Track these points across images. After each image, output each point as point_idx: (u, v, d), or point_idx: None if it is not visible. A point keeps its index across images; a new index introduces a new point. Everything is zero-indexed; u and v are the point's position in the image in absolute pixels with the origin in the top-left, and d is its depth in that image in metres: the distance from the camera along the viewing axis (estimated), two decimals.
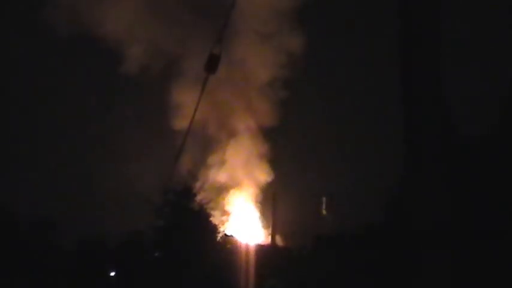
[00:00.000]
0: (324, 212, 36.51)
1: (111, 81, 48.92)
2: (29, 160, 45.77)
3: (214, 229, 33.51)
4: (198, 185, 32.74)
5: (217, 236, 33.65)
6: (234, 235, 36.82)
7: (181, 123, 40.89)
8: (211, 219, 33.34)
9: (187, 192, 32.20)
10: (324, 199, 36.76)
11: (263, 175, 44.48)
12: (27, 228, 33.10)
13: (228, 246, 34.32)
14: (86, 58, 48.24)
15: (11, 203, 33.66)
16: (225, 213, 41.03)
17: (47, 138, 47.65)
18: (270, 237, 39.80)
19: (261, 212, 44.14)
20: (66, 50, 47.67)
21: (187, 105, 41.54)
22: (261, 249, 36.26)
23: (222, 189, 43.89)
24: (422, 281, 5.33)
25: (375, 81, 46.73)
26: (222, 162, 45.03)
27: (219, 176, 44.46)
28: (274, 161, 44.69)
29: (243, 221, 42.70)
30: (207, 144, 44.74)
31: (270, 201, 40.99)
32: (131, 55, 43.54)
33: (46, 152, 46.19)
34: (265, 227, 42.72)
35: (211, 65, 9.46)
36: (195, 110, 9.66)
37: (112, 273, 33.65)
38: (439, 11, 5.62)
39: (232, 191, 44.34)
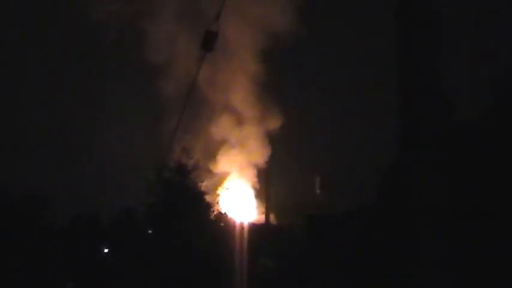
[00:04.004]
0: (318, 191, 36.60)
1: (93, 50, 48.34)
2: (21, 135, 45.46)
3: (208, 206, 33.51)
4: (192, 162, 32.63)
5: (211, 214, 33.68)
6: (228, 213, 36.88)
7: (169, 88, 40.90)
8: (205, 196, 33.34)
9: (181, 170, 32.12)
10: (317, 178, 36.82)
11: (258, 154, 44.39)
12: (19, 202, 32.75)
13: (222, 224, 34.37)
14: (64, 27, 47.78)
15: (2, 177, 33.35)
16: (219, 191, 41.06)
17: (39, 112, 47.32)
18: (263, 215, 39.91)
19: (255, 191, 44.20)
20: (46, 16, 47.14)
21: (174, 69, 41.42)
22: (254, 227, 36.36)
23: (216, 168, 43.93)
24: (415, 260, 5.34)
25: (371, 61, 46.59)
26: (216, 139, 44.94)
27: (214, 150, 44.44)
28: (268, 140, 44.64)
29: (238, 199, 42.75)
30: (199, 116, 44.53)
31: (264, 180, 41.08)
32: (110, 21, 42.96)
33: (38, 127, 45.92)
34: (259, 205, 42.81)
35: (208, 42, 9.38)
36: (190, 89, 9.53)
37: (105, 250, 33.72)
38: None
39: (227, 170, 44.34)
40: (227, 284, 30.99)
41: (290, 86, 47.78)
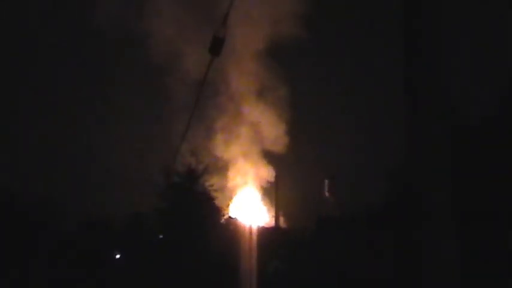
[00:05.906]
0: (327, 193, 36.64)
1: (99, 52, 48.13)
2: (30, 140, 45.35)
3: (217, 211, 33.61)
4: (201, 167, 32.72)
5: (221, 218, 33.78)
6: (237, 217, 36.94)
7: (175, 89, 40.88)
8: (214, 201, 33.43)
9: (191, 175, 32.24)
10: (326, 181, 36.86)
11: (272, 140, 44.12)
12: (28, 209, 32.59)
13: (232, 228, 34.45)
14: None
15: (10, 183, 33.25)
16: (228, 195, 41.13)
17: (47, 116, 47.24)
18: (273, 219, 39.96)
19: (264, 194, 44.18)
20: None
21: (180, 70, 41.32)
22: (264, 231, 36.42)
23: (225, 171, 43.96)
24: (425, 262, 5.41)
25: (378, 59, 46.56)
26: (225, 143, 44.93)
27: (223, 156, 44.40)
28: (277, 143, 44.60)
29: (247, 203, 42.77)
30: (208, 122, 44.43)
31: (273, 184, 41.09)
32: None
33: (48, 132, 45.83)
34: (269, 209, 42.83)
35: (215, 47, 9.47)
36: (199, 94, 9.67)
37: (117, 256, 33.84)
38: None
39: (236, 173, 44.35)
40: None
41: (296, 87, 47.72)
